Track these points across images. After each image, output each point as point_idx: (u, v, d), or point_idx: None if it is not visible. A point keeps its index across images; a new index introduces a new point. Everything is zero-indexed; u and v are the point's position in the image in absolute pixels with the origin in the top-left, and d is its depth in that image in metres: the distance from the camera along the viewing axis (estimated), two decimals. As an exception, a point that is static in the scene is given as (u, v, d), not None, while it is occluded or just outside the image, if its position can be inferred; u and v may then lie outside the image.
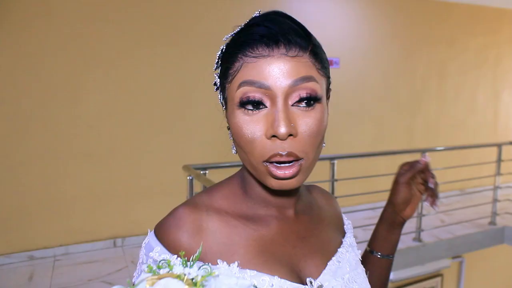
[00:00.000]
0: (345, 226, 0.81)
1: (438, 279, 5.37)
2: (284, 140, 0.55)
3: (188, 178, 2.68)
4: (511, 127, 6.31)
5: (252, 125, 0.57)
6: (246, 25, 0.62)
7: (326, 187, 3.42)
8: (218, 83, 0.64)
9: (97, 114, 3.68)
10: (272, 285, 0.57)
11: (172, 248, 0.60)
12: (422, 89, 5.46)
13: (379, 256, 0.84)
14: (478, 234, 4.30)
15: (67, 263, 3.44)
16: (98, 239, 3.74)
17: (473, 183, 5.33)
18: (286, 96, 0.56)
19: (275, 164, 0.57)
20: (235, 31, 0.63)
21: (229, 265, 0.58)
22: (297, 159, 0.57)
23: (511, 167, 4.72)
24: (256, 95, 0.56)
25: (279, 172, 0.57)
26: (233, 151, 0.66)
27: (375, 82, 5.08)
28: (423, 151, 3.84)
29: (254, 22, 0.60)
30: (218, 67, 0.64)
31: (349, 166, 4.09)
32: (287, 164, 0.57)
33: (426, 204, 4.18)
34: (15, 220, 3.47)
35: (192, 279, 0.38)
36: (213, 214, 0.63)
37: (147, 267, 0.40)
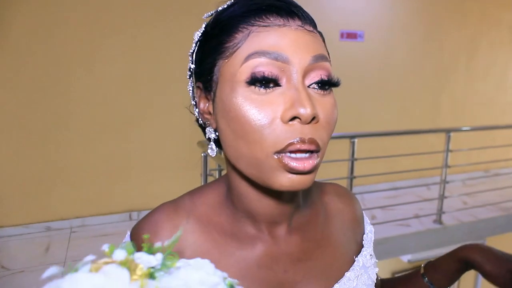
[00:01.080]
0: (364, 236, 0.68)
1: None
2: (306, 124, 0.46)
3: (202, 154, 2.62)
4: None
5: (264, 106, 0.46)
6: None
7: (345, 166, 3.33)
8: (194, 67, 0.56)
9: (114, 87, 3.63)
10: None
11: None
12: (449, 65, 5.22)
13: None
14: (502, 218, 4.15)
15: (83, 235, 3.47)
16: (114, 212, 3.75)
17: (498, 164, 5.15)
18: (305, 74, 0.47)
19: (289, 155, 0.46)
20: (223, 6, 0.53)
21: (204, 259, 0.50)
22: (317, 149, 0.47)
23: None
24: (272, 70, 0.46)
25: (297, 165, 0.45)
26: (212, 152, 0.54)
27: (400, 57, 4.87)
28: (447, 131, 3.68)
29: None
30: (201, 47, 0.54)
31: (370, 144, 3.96)
32: (304, 155, 0.46)
33: (448, 186, 4.08)
34: (34, 191, 3.50)
35: (150, 273, 0.30)
36: (194, 223, 0.55)
37: (109, 248, 0.32)
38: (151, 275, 0.30)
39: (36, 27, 3.32)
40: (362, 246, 0.66)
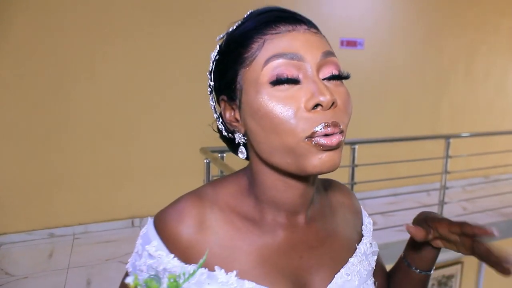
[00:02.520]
0: (363, 227, 0.74)
1: (458, 266, 5.29)
2: (327, 109, 0.52)
3: (205, 161, 2.65)
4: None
5: (288, 100, 0.52)
6: (250, 14, 0.58)
7: (346, 172, 3.35)
8: (213, 84, 0.61)
9: (117, 93, 3.66)
10: None
11: (170, 243, 0.56)
12: (449, 72, 5.26)
13: (415, 270, 0.73)
14: (502, 223, 4.17)
15: (86, 242, 3.49)
16: (116, 219, 3.77)
17: (498, 170, 5.17)
18: (318, 69, 0.54)
19: (321, 136, 0.51)
20: (234, 26, 0.59)
21: (227, 274, 0.53)
22: (341, 130, 0.53)
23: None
24: (292, 70, 0.52)
25: (326, 142, 0.51)
26: (242, 155, 0.60)
27: (400, 64, 4.91)
28: (447, 137, 3.71)
29: (259, 11, 0.57)
30: (223, 60, 0.59)
31: (370, 151, 3.99)
32: (332, 136, 0.52)
33: (448, 192, 4.11)
34: (37, 198, 3.53)
35: None
36: (217, 211, 0.58)
37: (133, 281, 0.35)
38: None
39: (37, 32, 3.36)
40: (362, 236, 0.72)
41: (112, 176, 3.73)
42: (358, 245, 0.69)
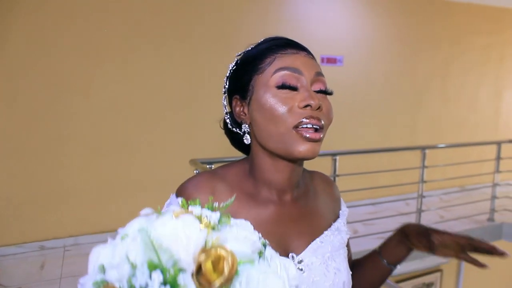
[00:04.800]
0: (340, 211, 0.90)
1: (438, 274, 5.46)
2: (315, 110, 0.71)
3: (194, 172, 2.79)
4: (513, 126, 6.38)
5: (286, 99, 0.71)
6: (265, 39, 0.78)
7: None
8: (228, 85, 0.80)
9: (105, 109, 3.79)
10: None
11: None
12: (424, 88, 5.54)
13: (384, 262, 0.90)
14: (476, 230, 4.39)
15: (77, 253, 3.57)
16: (106, 231, 3.85)
17: (473, 180, 5.40)
18: (311, 83, 0.73)
19: (305, 128, 0.69)
20: (250, 47, 0.78)
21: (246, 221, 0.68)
22: (321, 127, 0.71)
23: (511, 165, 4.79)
24: (293, 81, 0.71)
25: (310, 135, 0.69)
26: (247, 141, 0.77)
27: (378, 80, 5.16)
28: (423, 148, 3.93)
29: (273, 37, 0.77)
30: (241, 69, 0.77)
31: (352, 162, 4.18)
32: (314, 131, 0.70)
33: (426, 201, 4.31)
34: (27, 211, 3.59)
35: (212, 226, 0.45)
36: (225, 186, 0.75)
37: (181, 201, 0.49)
38: (213, 227, 0.45)
39: (34, 52, 3.48)
40: (339, 217, 0.88)
41: (102, 189, 3.83)
42: (333, 223, 0.85)
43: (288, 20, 4.49)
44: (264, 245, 0.49)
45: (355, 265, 0.94)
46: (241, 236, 0.46)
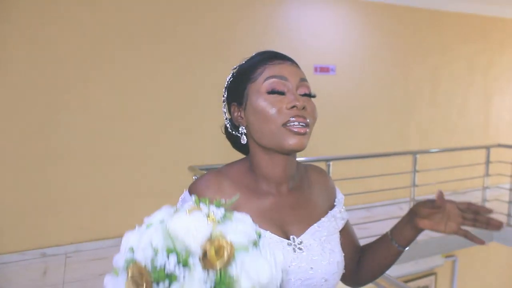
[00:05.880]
0: (336, 199, 1.00)
1: (432, 277, 5.56)
2: (301, 110, 0.82)
3: (194, 177, 2.89)
4: (502, 131, 6.54)
5: (276, 102, 0.83)
6: (257, 53, 0.91)
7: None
8: (227, 94, 0.93)
9: (105, 117, 3.90)
10: (265, 236, 0.79)
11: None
12: (415, 94, 5.69)
13: (394, 243, 0.94)
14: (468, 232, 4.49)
15: (78, 260, 3.64)
16: (106, 238, 3.93)
17: (464, 183, 5.52)
18: (297, 88, 0.85)
19: (293, 125, 0.82)
20: (244, 60, 0.91)
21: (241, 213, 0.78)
22: (307, 124, 0.83)
23: (502, 169, 4.91)
24: (280, 87, 0.84)
25: (297, 130, 0.81)
26: (243, 140, 0.89)
27: (370, 88, 5.31)
28: (414, 153, 4.06)
29: (262, 51, 0.90)
30: (237, 79, 0.90)
31: (345, 167, 4.30)
32: (300, 127, 0.82)
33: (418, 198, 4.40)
34: (29, 219, 3.67)
35: (216, 218, 0.59)
36: (230, 182, 0.87)
37: (195, 199, 0.62)
38: (218, 222, 0.59)
39: (33, 62, 3.60)
40: (334, 206, 0.98)
41: (102, 198, 3.91)
42: (330, 211, 0.96)
43: (282, 31, 4.63)
44: (259, 236, 0.62)
45: (366, 248, 1.03)
46: (239, 230, 0.60)
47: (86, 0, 3.73)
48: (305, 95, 0.86)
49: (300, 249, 0.84)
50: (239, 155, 1.01)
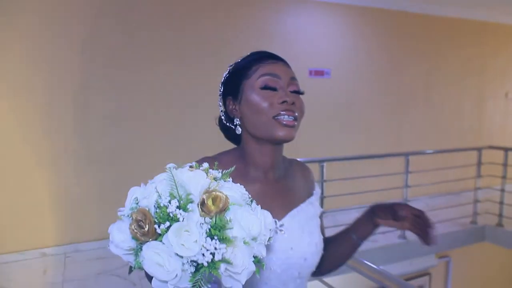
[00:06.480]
0: (314, 191, 1.10)
1: (426, 277, 5.64)
2: (290, 105, 0.92)
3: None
4: (495, 134, 6.63)
5: (268, 97, 0.92)
6: (252, 52, 1.01)
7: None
8: (223, 89, 1.01)
9: (104, 121, 4.00)
10: None
11: None
12: (409, 98, 5.79)
13: (354, 237, 1.07)
14: (460, 232, 4.59)
15: (78, 259, 3.72)
16: (105, 238, 4.00)
17: (457, 184, 5.59)
18: (287, 85, 0.94)
19: (283, 118, 0.91)
20: (240, 58, 1.01)
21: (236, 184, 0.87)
22: (295, 117, 0.92)
23: (494, 170, 4.99)
24: (273, 84, 0.93)
25: (286, 123, 0.91)
26: (238, 131, 0.99)
27: (363, 91, 5.40)
28: (406, 155, 4.15)
29: (257, 51, 1.00)
30: (233, 76, 0.99)
31: (339, 169, 4.38)
32: (289, 120, 0.91)
33: (412, 205, 4.48)
34: (29, 220, 3.75)
35: (214, 178, 0.69)
36: (222, 168, 0.95)
37: (195, 164, 0.72)
38: (215, 179, 0.69)
39: (34, 56, 3.69)
40: (312, 195, 1.08)
41: (100, 198, 3.99)
42: (308, 198, 1.06)
43: (278, 35, 4.73)
44: (251, 201, 0.72)
45: (330, 240, 1.13)
46: (234, 187, 0.70)
47: (86, 1, 3.84)
48: (294, 92, 0.95)
49: (281, 230, 0.91)
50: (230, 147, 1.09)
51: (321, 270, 1.12)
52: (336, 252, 1.10)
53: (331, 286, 2.23)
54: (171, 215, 0.62)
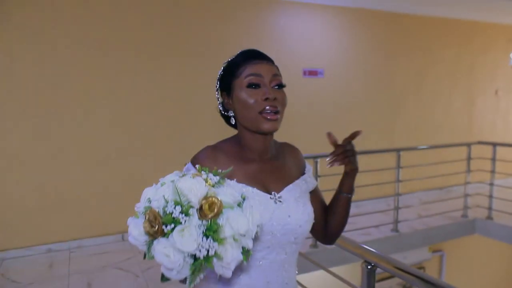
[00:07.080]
0: (306, 169, 1.26)
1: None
2: (272, 100, 1.05)
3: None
4: (485, 130, 6.80)
5: (254, 94, 1.06)
6: (241, 52, 1.14)
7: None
8: (219, 84, 1.16)
9: (106, 121, 4.15)
10: (252, 192, 1.06)
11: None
12: (401, 96, 5.95)
13: (344, 194, 1.24)
14: (452, 225, 4.75)
15: (82, 254, 3.86)
16: (108, 234, 4.16)
17: (449, 179, 5.75)
18: (270, 82, 1.08)
19: (267, 113, 1.06)
20: (231, 57, 1.15)
21: (232, 180, 1.00)
22: (277, 111, 1.07)
23: (483, 165, 5.15)
24: (256, 81, 1.06)
25: (270, 117, 1.05)
26: (232, 121, 1.14)
27: (357, 89, 5.57)
28: (397, 150, 4.31)
29: (246, 51, 1.14)
30: (225, 74, 1.14)
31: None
32: (273, 114, 1.06)
33: (406, 201, 4.66)
34: (35, 217, 3.90)
35: (213, 185, 0.84)
36: (222, 154, 1.12)
37: (198, 167, 0.88)
38: (213, 186, 0.84)
39: (38, 64, 3.84)
40: (304, 173, 1.23)
41: (104, 195, 4.14)
42: (302, 176, 1.22)
43: (272, 36, 4.89)
44: (244, 199, 0.88)
45: (328, 207, 1.29)
46: (228, 193, 0.85)
47: (87, 4, 3.99)
48: (277, 85, 1.09)
49: (280, 201, 1.09)
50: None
51: (327, 234, 1.27)
52: (335, 213, 1.26)
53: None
54: (175, 218, 0.78)
